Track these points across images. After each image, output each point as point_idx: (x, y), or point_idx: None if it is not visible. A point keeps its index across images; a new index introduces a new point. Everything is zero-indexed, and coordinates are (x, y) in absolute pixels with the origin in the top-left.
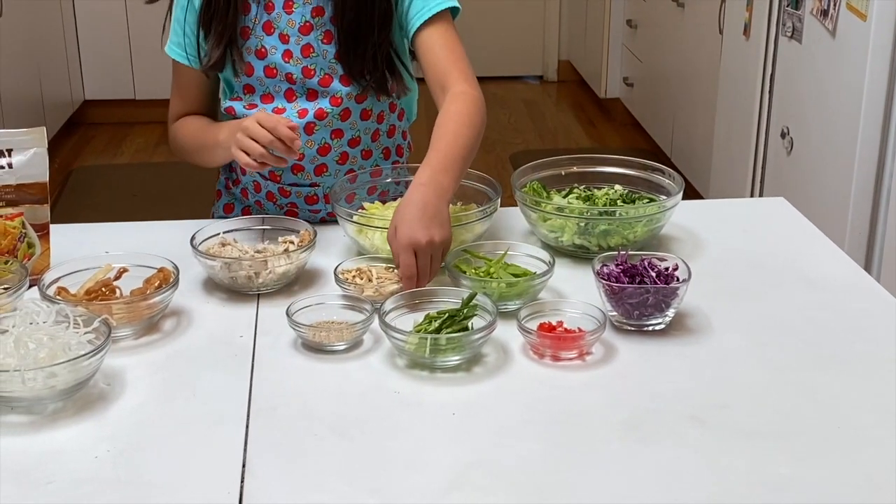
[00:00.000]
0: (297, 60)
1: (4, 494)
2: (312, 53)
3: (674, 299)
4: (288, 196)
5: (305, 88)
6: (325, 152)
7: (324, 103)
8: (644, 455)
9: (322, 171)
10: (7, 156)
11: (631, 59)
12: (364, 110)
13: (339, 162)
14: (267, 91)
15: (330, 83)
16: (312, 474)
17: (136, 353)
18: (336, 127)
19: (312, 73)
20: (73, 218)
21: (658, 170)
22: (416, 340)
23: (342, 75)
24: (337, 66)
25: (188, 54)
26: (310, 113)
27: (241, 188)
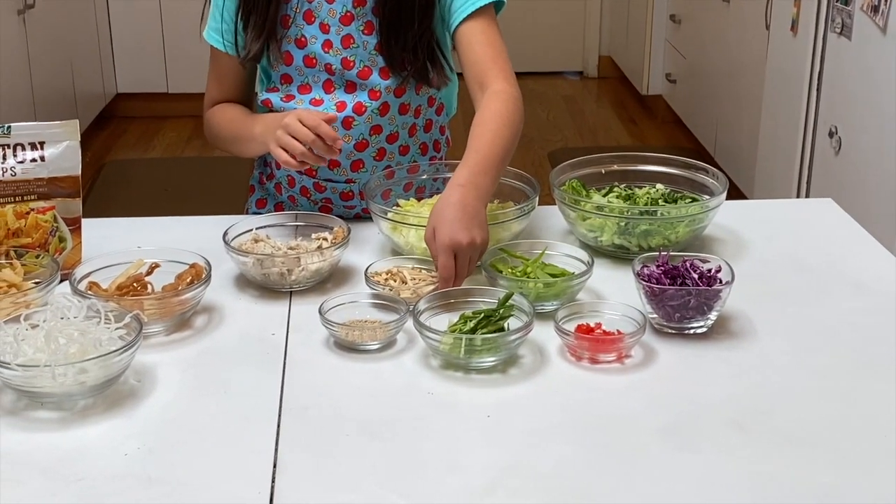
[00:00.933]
0: (336, 51)
1: (33, 490)
2: (353, 44)
3: (716, 302)
4: (323, 192)
5: (344, 80)
6: (362, 148)
7: (362, 97)
8: (683, 462)
9: (358, 167)
10: (39, 148)
11: (674, 55)
12: (403, 104)
13: (377, 158)
14: (305, 81)
15: (369, 76)
16: (344, 475)
17: (167, 349)
18: (375, 123)
19: (352, 65)
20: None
21: (701, 169)
22: (451, 341)
23: (382, 68)
24: (377, 59)
25: (225, 41)
26: (348, 107)
27: (274, 183)
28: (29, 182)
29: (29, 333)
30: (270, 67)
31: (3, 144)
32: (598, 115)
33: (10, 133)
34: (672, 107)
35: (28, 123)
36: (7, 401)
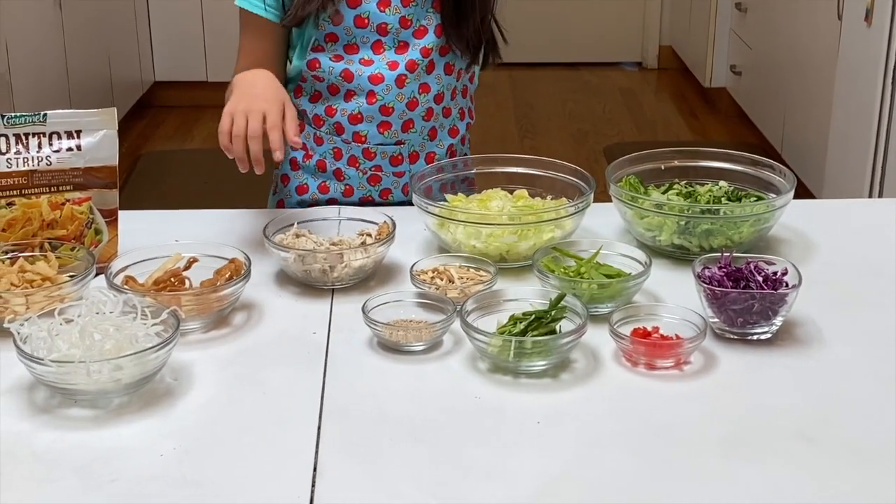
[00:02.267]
0: (395, 9)
1: (67, 490)
2: (413, 2)
3: (782, 307)
4: (373, 158)
5: (398, 40)
6: (413, 107)
7: (415, 54)
8: (745, 475)
9: (409, 128)
10: (76, 137)
11: (739, 46)
12: (447, 64)
13: (426, 118)
14: (353, 41)
15: (425, 34)
16: (386, 480)
17: (205, 347)
18: (423, 80)
19: (410, 24)
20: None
21: (767, 166)
22: (500, 343)
23: (438, 25)
24: (433, 16)
25: (267, 4)
26: (401, 65)
27: (315, 161)
28: (65, 172)
29: (63, 328)
30: (315, 27)
31: (39, 133)
32: (658, 109)
33: (45, 121)
34: (736, 100)
35: (64, 111)
36: (40, 398)
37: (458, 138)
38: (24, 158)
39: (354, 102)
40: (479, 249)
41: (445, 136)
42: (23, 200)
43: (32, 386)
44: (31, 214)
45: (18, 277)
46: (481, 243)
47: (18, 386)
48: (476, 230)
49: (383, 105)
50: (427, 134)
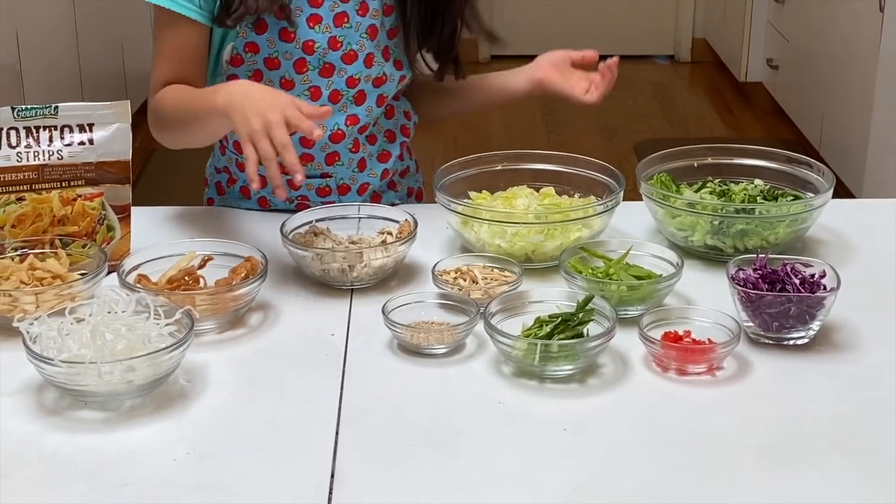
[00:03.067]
0: (325, 27)
1: (76, 495)
2: (345, 23)
3: (819, 310)
4: (298, 189)
5: (322, 62)
6: (337, 139)
7: (339, 84)
8: (780, 485)
9: (334, 161)
10: (88, 131)
11: (776, 39)
12: (381, 96)
13: (353, 150)
14: (274, 55)
15: (353, 61)
16: (406, 488)
17: (220, 348)
18: (351, 112)
19: (339, 46)
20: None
21: (805, 163)
22: (525, 346)
23: (369, 54)
24: (366, 43)
25: (193, 4)
26: (323, 95)
27: (239, 187)
28: (76, 166)
29: (74, 328)
30: (237, 34)
31: (50, 126)
32: (691, 104)
33: (57, 114)
34: (773, 95)
35: (76, 104)
36: (49, 399)
37: (391, 161)
38: (35, 152)
39: None
40: (504, 249)
41: (376, 165)
42: (33, 195)
43: (42, 387)
44: (42, 210)
45: (28, 275)
46: (506, 243)
47: (28, 387)
48: (501, 229)
49: (303, 136)
50: (356, 166)
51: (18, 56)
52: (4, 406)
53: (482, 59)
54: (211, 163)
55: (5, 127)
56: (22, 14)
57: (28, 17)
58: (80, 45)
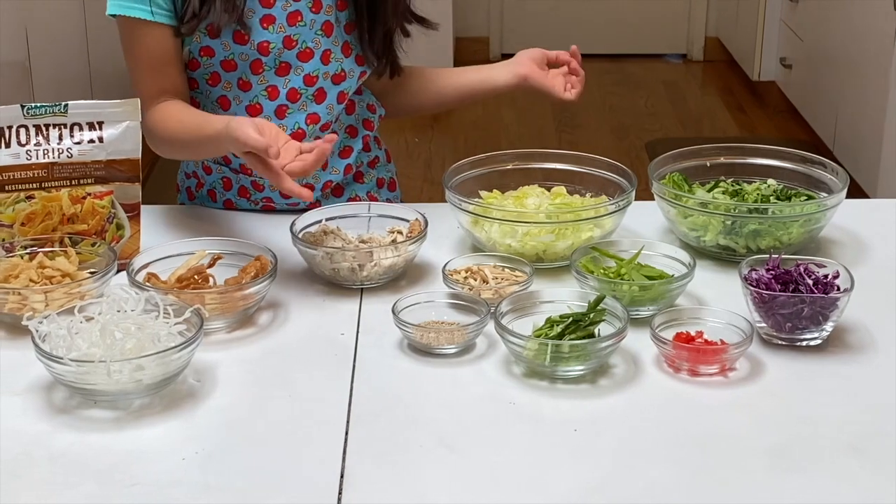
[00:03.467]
0: (279, 27)
1: (85, 494)
2: (299, 21)
3: (833, 311)
4: (262, 190)
5: (278, 62)
6: (299, 137)
7: (297, 82)
8: (793, 487)
9: None
10: (98, 129)
11: (790, 37)
12: (341, 93)
13: None
14: (230, 57)
15: (309, 58)
16: (417, 488)
17: (229, 347)
18: (311, 111)
19: (294, 45)
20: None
21: (818, 163)
22: (536, 346)
23: (325, 51)
24: (322, 40)
25: (154, 7)
26: (281, 94)
27: (206, 190)
28: (86, 165)
29: (83, 326)
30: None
31: (60, 124)
32: (703, 103)
33: (66, 112)
34: (786, 94)
35: (86, 102)
36: (59, 398)
37: (353, 156)
38: (45, 150)
39: None
40: (515, 249)
41: (337, 161)
42: (42, 194)
43: (51, 386)
44: (51, 208)
45: (37, 273)
46: (517, 242)
47: (37, 386)
48: (512, 228)
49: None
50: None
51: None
52: (13, 405)
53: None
54: (181, 168)
55: (15, 125)
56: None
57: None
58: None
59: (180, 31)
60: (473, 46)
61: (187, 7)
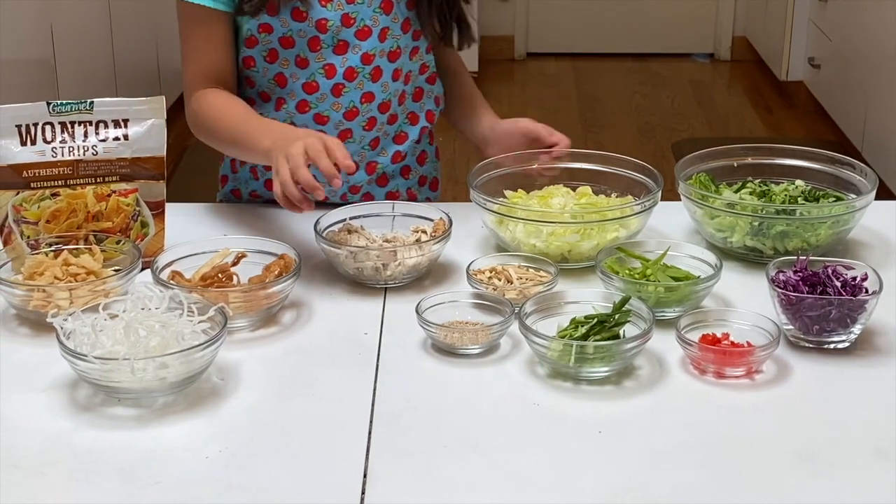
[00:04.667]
0: (337, 5)
1: (107, 492)
2: (357, 0)
3: (861, 314)
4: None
5: (336, 39)
6: (351, 116)
7: (354, 61)
8: (820, 491)
9: (346, 137)
10: (123, 126)
11: (819, 37)
12: (396, 70)
13: (366, 128)
14: (288, 34)
15: (367, 36)
16: (440, 489)
17: (252, 346)
18: (366, 90)
19: (352, 23)
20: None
21: (847, 164)
22: (560, 347)
23: (383, 28)
24: (380, 17)
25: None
26: (338, 72)
27: (249, 167)
28: (111, 162)
29: (107, 324)
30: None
31: (85, 121)
32: (730, 103)
33: (92, 109)
34: (814, 94)
35: (112, 99)
36: (82, 395)
37: (407, 144)
38: (70, 148)
39: (284, 112)
40: (540, 249)
41: (390, 144)
42: (68, 191)
43: (75, 383)
44: (76, 206)
45: (62, 271)
46: (542, 242)
47: (61, 383)
48: (536, 228)
49: (317, 113)
50: (368, 144)
51: (53, 51)
52: (38, 402)
53: (518, 56)
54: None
55: (41, 122)
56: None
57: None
58: (115, 41)
59: (243, 9)
60: (498, 45)
61: None
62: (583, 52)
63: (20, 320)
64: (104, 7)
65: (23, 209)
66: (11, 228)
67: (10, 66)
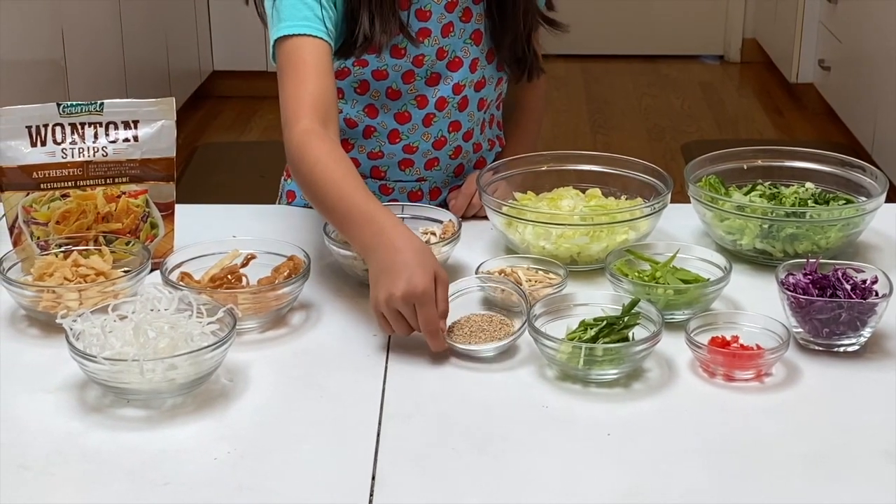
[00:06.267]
0: (434, 40)
1: (117, 493)
2: (451, 33)
3: (871, 317)
4: (390, 193)
5: (430, 72)
6: (440, 146)
7: (445, 91)
8: (829, 494)
9: (433, 166)
10: (133, 128)
11: (829, 39)
12: (481, 100)
13: (452, 157)
14: (383, 68)
15: (459, 67)
16: (448, 491)
17: (261, 347)
18: (454, 118)
19: (445, 55)
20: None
21: (857, 167)
22: (569, 349)
23: (474, 59)
24: (470, 48)
25: (327, 28)
26: (430, 103)
27: None
28: (121, 163)
29: (117, 325)
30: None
31: (95, 122)
32: (740, 105)
33: (102, 110)
34: (824, 97)
35: (122, 101)
36: (92, 396)
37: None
38: (80, 149)
39: (375, 140)
40: (549, 251)
41: (471, 171)
42: (77, 192)
43: (84, 384)
44: (86, 207)
45: (72, 272)
46: (551, 244)
47: (70, 384)
48: (546, 230)
49: (407, 144)
50: (452, 171)
51: (64, 52)
52: (47, 403)
53: None
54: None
55: (51, 123)
56: (67, 10)
57: (73, 14)
58: (125, 42)
59: (349, 53)
60: None
61: (358, 31)
62: (592, 54)
63: (30, 321)
64: (115, 9)
65: (33, 210)
66: (21, 229)
67: (20, 66)
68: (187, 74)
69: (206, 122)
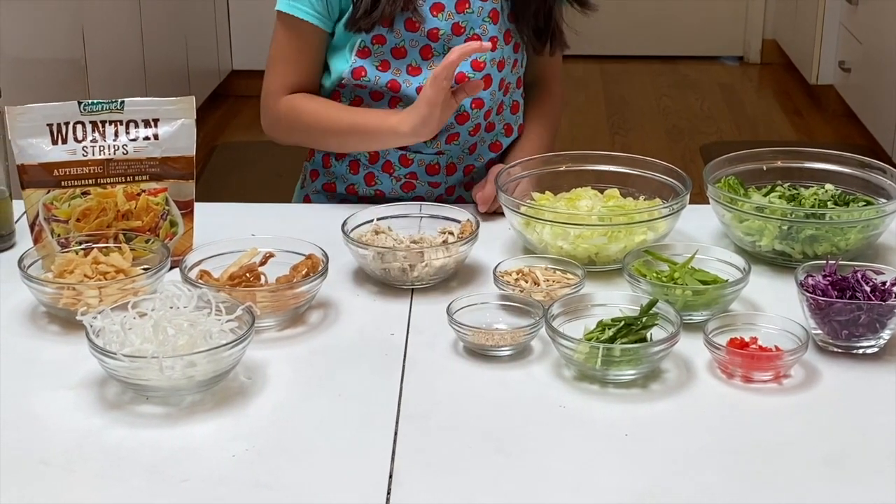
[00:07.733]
0: (448, 14)
1: (136, 489)
2: (467, 9)
3: (890, 319)
4: (409, 165)
5: (447, 48)
6: (462, 121)
7: (465, 67)
8: (847, 496)
9: (453, 140)
10: (153, 126)
11: (849, 40)
12: (502, 79)
13: (471, 133)
14: (401, 44)
15: None
16: (465, 490)
17: (280, 345)
18: (477, 96)
19: (462, 31)
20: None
21: (877, 168)
22: (587, 349)
23: (492, 37)
24: (489, 27)
25: (317, 11)
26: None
27: (348, 161)
28: (141, 161)
29: (136, 322)
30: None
31: (115, 121)
32: (759, 106)
33: (122, 109)
34: (844, 98)
35: (142, 99)
36: (111, 393)
37: (499, 154)
38: (101, 147)
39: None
40: (567, 251)
41: (486, 151)
42: (98, 190)
43: (104, 381)
44: (106, 204)
45: (92, 269)
46: (569, 244)
47: (90, 380)
48: (564, 231)
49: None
50: (468, 148)
51: (84, 51)
52: (67, 399)
53: None
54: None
55: (72, 121)
56: (87, 9)
57: (93, 13)
58: (145, 41)
59: (359, 26)
60: None
61: (359, 3)
62: (610, 55)
63: (50, 318)
64: (135, 7)
65: (53, 207)
66: (42, 227)
67: (41, 65)
68: (206, 74)
69: (224, 122)
